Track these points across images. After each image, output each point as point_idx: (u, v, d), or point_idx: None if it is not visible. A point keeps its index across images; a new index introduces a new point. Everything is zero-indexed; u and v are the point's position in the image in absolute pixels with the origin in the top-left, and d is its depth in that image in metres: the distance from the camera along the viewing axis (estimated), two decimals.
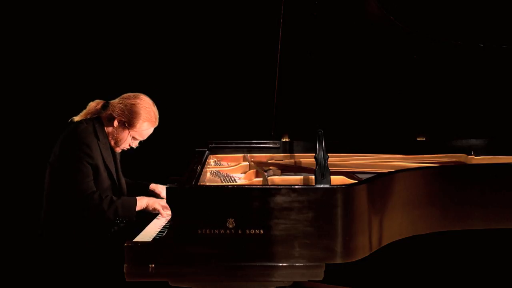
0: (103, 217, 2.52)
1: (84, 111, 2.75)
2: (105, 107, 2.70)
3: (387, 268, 3.77)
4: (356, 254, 2.16)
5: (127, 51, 4.06)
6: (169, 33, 4.11)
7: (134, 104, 2.67)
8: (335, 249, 2.10)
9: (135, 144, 2.76)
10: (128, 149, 2.80)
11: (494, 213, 2.63)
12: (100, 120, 2.71)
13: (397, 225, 2.40)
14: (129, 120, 2.65)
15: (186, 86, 4.16)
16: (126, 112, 2.65)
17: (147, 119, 2.68)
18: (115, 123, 2.68)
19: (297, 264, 2.10)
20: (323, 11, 2.80)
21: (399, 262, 3.79)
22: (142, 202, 2.64)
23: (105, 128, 2.70)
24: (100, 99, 2.76)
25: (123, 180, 2.87)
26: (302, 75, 2.98)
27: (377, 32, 2.93)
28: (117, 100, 2.72)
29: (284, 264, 2.10)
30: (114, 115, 2.67)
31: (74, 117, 2.74)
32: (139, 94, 2.73)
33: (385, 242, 2.34)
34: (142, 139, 2.75)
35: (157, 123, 2.75)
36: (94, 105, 2.73)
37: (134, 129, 2.68)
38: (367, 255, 2.22)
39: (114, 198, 2.57)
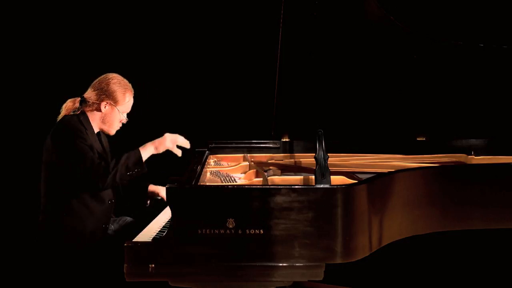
0: (117, 176, 2.51)
1: (63, 112, 2.74)
2: (82, 102, 2.75)
3: (387, 268, 3.77)
4: (356, 254, 2.16)
5: (127, 51, 4.06)
6: (169, 33, 4.11)
7: (107, 84, 2.73)
8: (335, 249, 2.10)
9: (125, 119, 2.79)
10: (120, 127, 2.81)
11: (494, 213, 2.63)
12: (84, 113, 2.73)
13: (397, 225, 2.40)
14: (113, 99, 2.71)
15: (186, 86, 4.16)
16: (106, 94, 2.71)
17: (125, 90, 2.75)
18: (103, 107, 2.71)
19: (297, 264, 2.10)
20: (323, 11, 2.80)
21: (399, 262, 3.79)
22: (150, 149, 2.66)
23: (91, 119, 2.73)
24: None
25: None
26: (302, 75, 2.98)
27: (377, 32, 2.93)
28: (89, 90, 2.75)
29: (284, 264, 2.10)
30: (97, 101, 2.71)
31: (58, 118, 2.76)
32: (105, 74, 2.78)
33: (385, 242, 2.34)
34: (128, 111, 2.80)
35: (133, 91, 2.80)
36: (71, 104, 2.75)
37: (120, 104, 2.72)
38: (367, 255, 2.22)
39: (114, 160, 2.57)
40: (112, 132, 2.79)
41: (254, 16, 3.99)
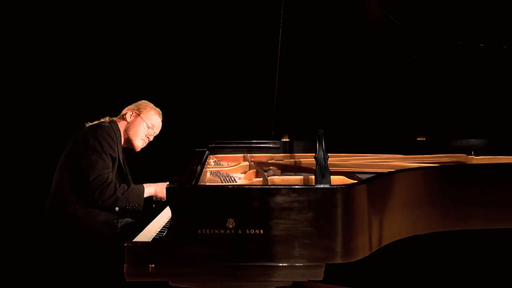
0: (116, 205, 2.65)
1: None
2: (116, 116, 2.99)
3: (387, 268, 3.77)
4: (356, 254, 2.16)
5: (128, 52, 4.06)
6: (169, 33, 4.11)
7: (137, 102, 3.02)
8: (335, 249, 2.10)
9: (150, 134, 2.97)
10: (146, 145, 2.99)
11: (494, 213, 2.63)
12: (114, 122, 2.91)
13: (397, 225, 2.40)
14: (138, 109, 2.96)
15: (186, 87, 4.16)
16: (134, 107, 2.98)
17: (151, 108, 3.00)
18: (128, 116, 2.94)
19: (297, 264, 2.10)
20: (323, 11, 2.80)
21: (399, 262, 3.79)
22: (150, 189, 2.81)
23: (120, 128, 2.91)
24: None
25: (130, 180, 2.99)
26: (302, 75, 2.97)
27: (377, 32, 2.93)
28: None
29: (284, 264, 2.10)
30: (124, 113, 2.98)
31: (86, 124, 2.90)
32: None
33: (385, 242, 2.34)
34: (153, 127, 2.97)
35: (161, 116, 3.03)
36: (107, 119, 2.98)
37: (143, 113, 2.94)
38: (367, 255, 2.22)
39: (126, 186, 2.73)
40: (136, 143, 2.94)
41: (254, 16, 3.99)
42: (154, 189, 2.83)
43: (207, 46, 4.13)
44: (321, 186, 2.19)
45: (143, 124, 2.92)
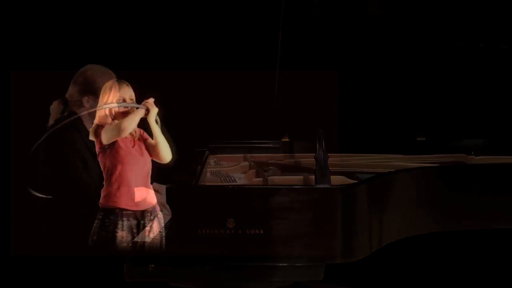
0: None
1: (52, 115, 2.61)
2: (65, 100, 2.58)
3: (387, 268, 3.77)
4: (356, 254, 2.16)
5: (128, 51, 4.06)
6: (169, 33, 4.11)
7: (81, 74, 2.56)
8: (335, 249, 2.10)
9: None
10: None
11: (494, 213, 2.63)
12: (74, 113, 2.55)
13: (397, 225, 2.40)
14: (91, 89, 2.49)
15: (186, 86, 4.15)
16: (83, 86, 2.53)
17: (100, 74, 2.53)
18: (85, 102, 2.53)
19: (297, 264, 2.10)
20: (323, 11, 2.80)
21: (399, 262, 3.79)
22: None
23: (83, 117, 2.51)
24: None
25: None
26: (301, 75, 2.97)
27: (377, 32, 2.93)
28: (69, 88, 2.58)
29: (284, 264, 2.10)
30: (78, 97, 2.53)
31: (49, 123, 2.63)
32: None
33: (385, 242, 2.34)
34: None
35: (113, 74, 2.55)
36: (56, 105, 2.60)
37: (102, 93, 2.24)
38: (367, 255, 2.22)
39: None
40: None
41: (255, 15, 3.99)
42: None
43: (207, 45, 4.13)
44: (321, 186, 2.19)
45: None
